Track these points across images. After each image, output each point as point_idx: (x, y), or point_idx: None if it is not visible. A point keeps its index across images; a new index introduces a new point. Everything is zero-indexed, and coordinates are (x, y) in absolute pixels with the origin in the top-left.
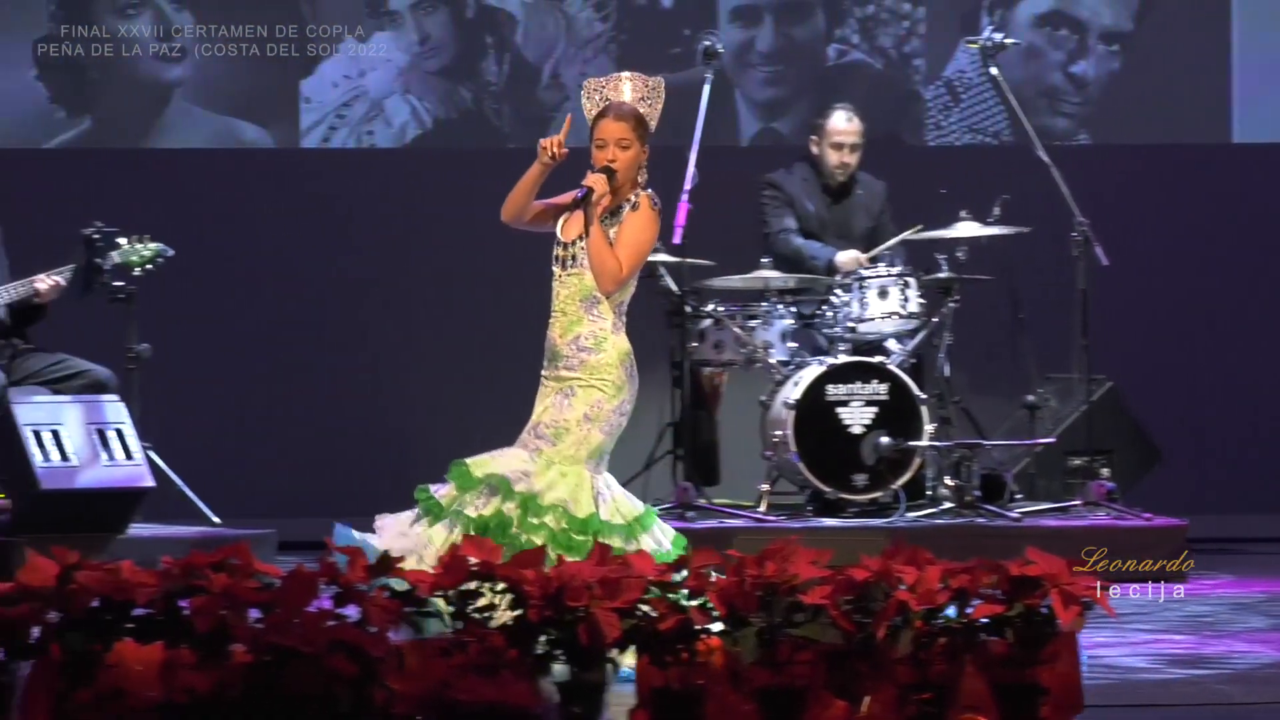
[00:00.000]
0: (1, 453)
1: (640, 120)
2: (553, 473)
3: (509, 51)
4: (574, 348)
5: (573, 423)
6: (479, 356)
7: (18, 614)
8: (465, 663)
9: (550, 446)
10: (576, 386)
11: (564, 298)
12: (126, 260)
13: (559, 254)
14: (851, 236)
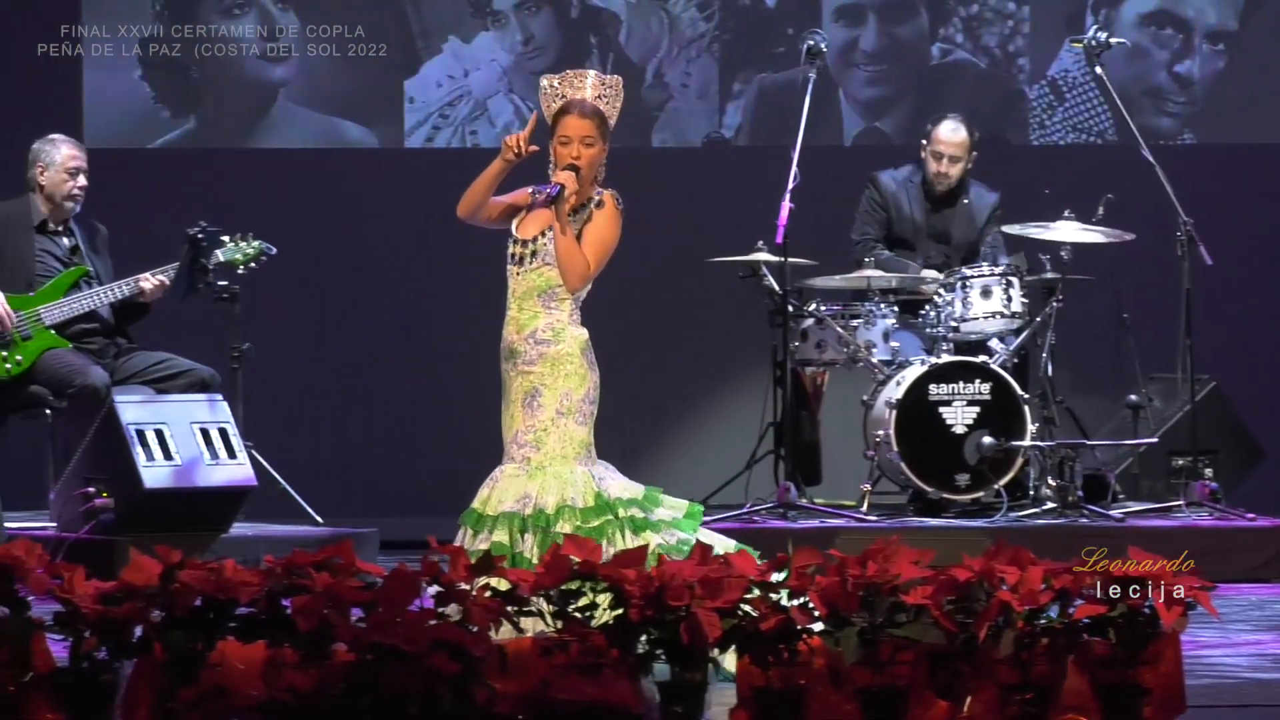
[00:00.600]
0: (105, 452)
1: (603, 118)
2: (547, 477)
3: (613, 51)
4: (531, 341)
5: (548, 423)
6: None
7: (121, 613)
8: (567, 662)
9: (536, 453)
10: (541, 386)
11: (521, 294)
12: (230, 259)
13: (516, 251)
14: (949, 244)
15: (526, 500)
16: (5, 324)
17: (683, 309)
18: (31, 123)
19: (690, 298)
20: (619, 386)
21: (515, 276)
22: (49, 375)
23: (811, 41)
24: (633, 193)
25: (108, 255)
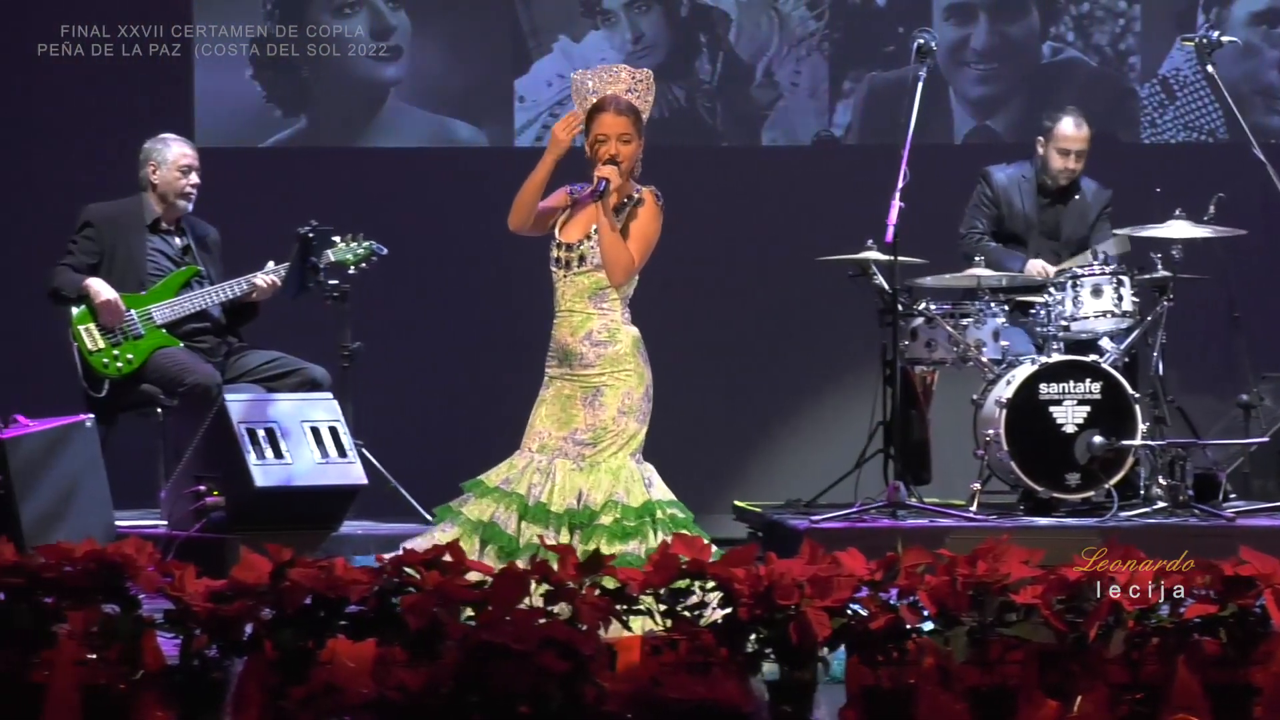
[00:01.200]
0: (216, 451)
1: (638, 114)
2: (600, 473)
3: (722, 50)
4: (588, 344)
5: (609, 421)
6: (691, 353)
7: (232, 611)
8: (676, 661)
9: (593, 450)
10: (603, 386)
11: (571, 297)
12: (342, 259)
13: (561, 256)
14: (1058, 240)
15: (582, 498)
16: (119, 319)
17: (792, 308)
18: (143, 122)
19: (800, 297)
20: (728, 385)
21: (563, 280)
22: (160, 374)
23: (922, 40)
24: (742, 191)
25: (219, 256)
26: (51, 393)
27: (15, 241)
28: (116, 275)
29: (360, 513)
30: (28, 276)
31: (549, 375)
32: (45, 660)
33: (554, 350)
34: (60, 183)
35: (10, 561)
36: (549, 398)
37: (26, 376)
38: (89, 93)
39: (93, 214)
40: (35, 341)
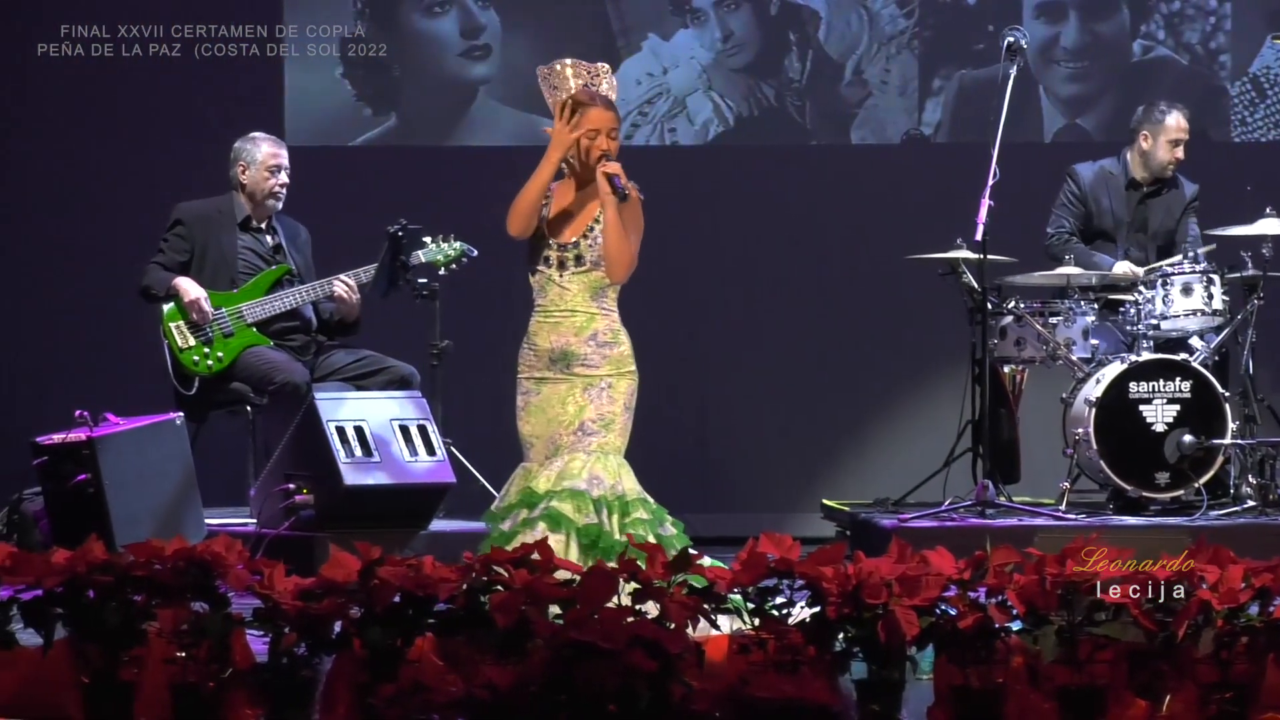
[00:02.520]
0: (306, 449)
1: (617, 110)
2: (613, 463)
3: (811, 48)
4: (593, 345)
5: (618, 413)
6: (781, 351)
7: (321, 609)
8: (764, 660)
9: (600, 439)
10: (611, 380)
11: (572, 297)
12: (432, 260)
13: (557, 256)
14: (1145, 233)
15: (596, 481)
16: (207, 318)
17: (882, 307)
18: (235, 121)
19: (889, 295)
20: (817, 384)
21: (557, 280)
22: (250, 372)
23: (1012, 38)
24: (831, 189)
25: (310, 255)
26: (142, 391)
27: (107, 240)
28: (207, 273)
29: (450, 511)
30: (120, 275)
31: (534, 379)
32: (135, 658)
33: (541, 352)
34: (153, 181)
35: (101, 560)
36: (539, 405)
37: (117, 375)
38: (182, 92)
39: (184, 212)
40: (126, 339)
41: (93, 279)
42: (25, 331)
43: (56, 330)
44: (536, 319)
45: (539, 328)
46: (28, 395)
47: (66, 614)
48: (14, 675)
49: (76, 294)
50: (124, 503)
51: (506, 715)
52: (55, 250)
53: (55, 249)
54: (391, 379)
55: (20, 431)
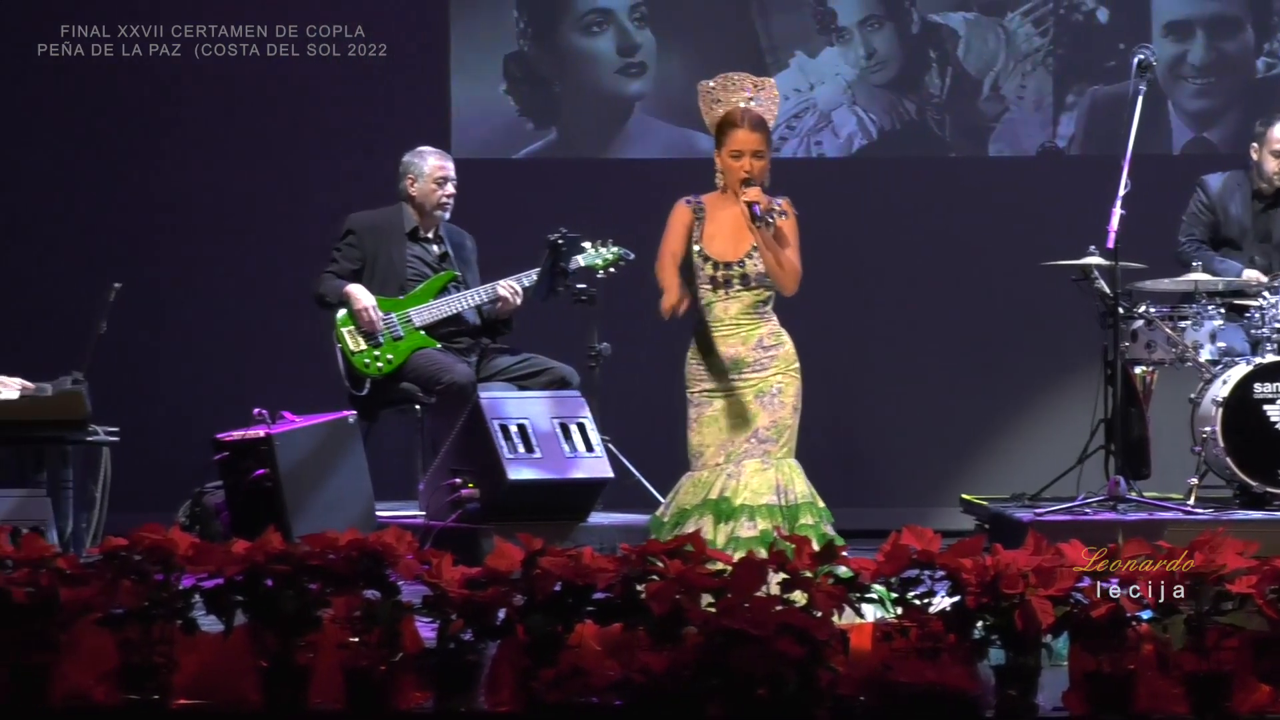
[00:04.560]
0: (471, 445)
1: (768, 128)
2: (787, 469)
3: (951, 65)
4: (760, 350)
5: (788, 417)
6: (921, 352)
7: (486, 597)
8: (906, 647)
9: (775, 446)
10: (779, 383)
11: (737, 313)
12: (590, 264)
13: (721, 276)
14: (1270, 242)
15: (782, 492)
16: (374, 326)
17: (1018, 310)
18: (403, 135)
19: (1025, 300)
20: (957, 384)
21: (722, 299)
22: (418, 373)
23: (1142, 55)
24: (970, 199)
25: (475, 263)
26: (317, 391)
27: (283, 249)
28: (378, 280)
29: (607, 504)
30: (296, 282)
31: (706, 392)
32: (310, 643)
33: (714, 365)
34: (326, 192)
35: (278, 550)
36: (714, 415)
37: (294, 376)
38: (353, 104)
39: (355, 223)
40: (303, 343)
41: (271, 286)
42: (209, 335)
43: (238, 334)
44: (703, 331)
45: (707, 342)
46: (210, 395)
47: (246, 601)
48: (196, 660)
49: (256, 300)
50: (300, 496)
51: (661, 698)
52: (238, 259)
53: (239, 258)
54: (552, 379)
55: (203, 429)
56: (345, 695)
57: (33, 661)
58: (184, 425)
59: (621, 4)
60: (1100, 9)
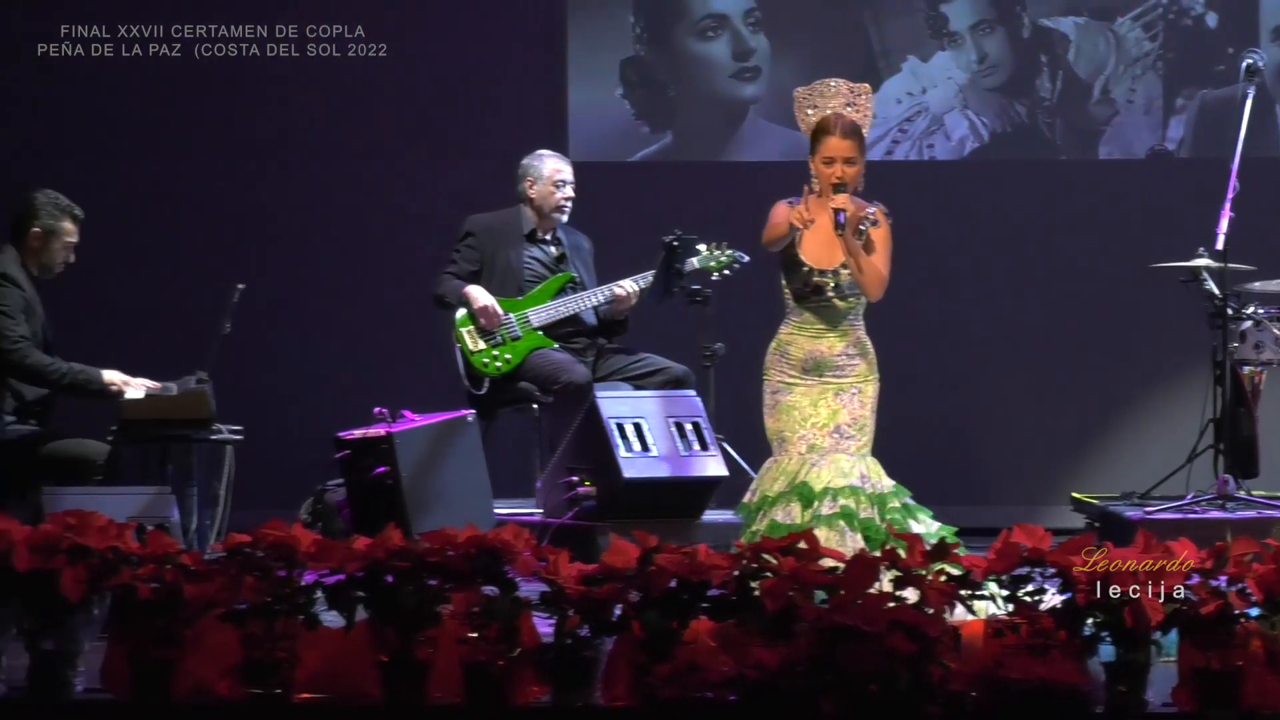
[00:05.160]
0: (588, 444)
1: (861, 134)
2: (870, 463)
3: (1061, 69)
4: (845, 357)
5: (868, 416)
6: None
7: (602, 593)
8: (1017, 643)
9: (857, 443)
10: (861, 385)
11: (826, 319)
12: (705, 266)
13: (820, 282)
14: None
15: (865, 480)
16: (493, 326)
17: (1127, 311)
18: (522, 137)
19: (1134, 300)
20: (1067, 384)
21: (815, 304)
22: (536, 372)
23: (1250, 60)
24: (1080, 201)
25: (591, 264)
26: (436, 391)
27: (403, 250)
28: (496, 281)
29: (722, 502)
30: (416, 283)
31: (784, 383)
32: (430, 638)
33: (794, 361)
34: (446, 193)
35: (398, 546)
36: (792, 403)
37: (414, 375)
38: (472, 107)
39: (474, 224)
40: (422, 343)
41: (392, 287)
42: (331, 335)
43: (359, 334)
44: (790, 330)
45: (793, 339)
46: (332, 394)
47: (367, 597)
48: (318, 654)
49: (377, 301)
50: (419, 493)
51: (774, 694)
52: (360, 260)
53: (361, 259)
54: (668, 379)
55: (325, 427)
56: (464, 690)
57: (158, 656)
58: (306, 424)
59: (736, 9)
60: (1209, 14)
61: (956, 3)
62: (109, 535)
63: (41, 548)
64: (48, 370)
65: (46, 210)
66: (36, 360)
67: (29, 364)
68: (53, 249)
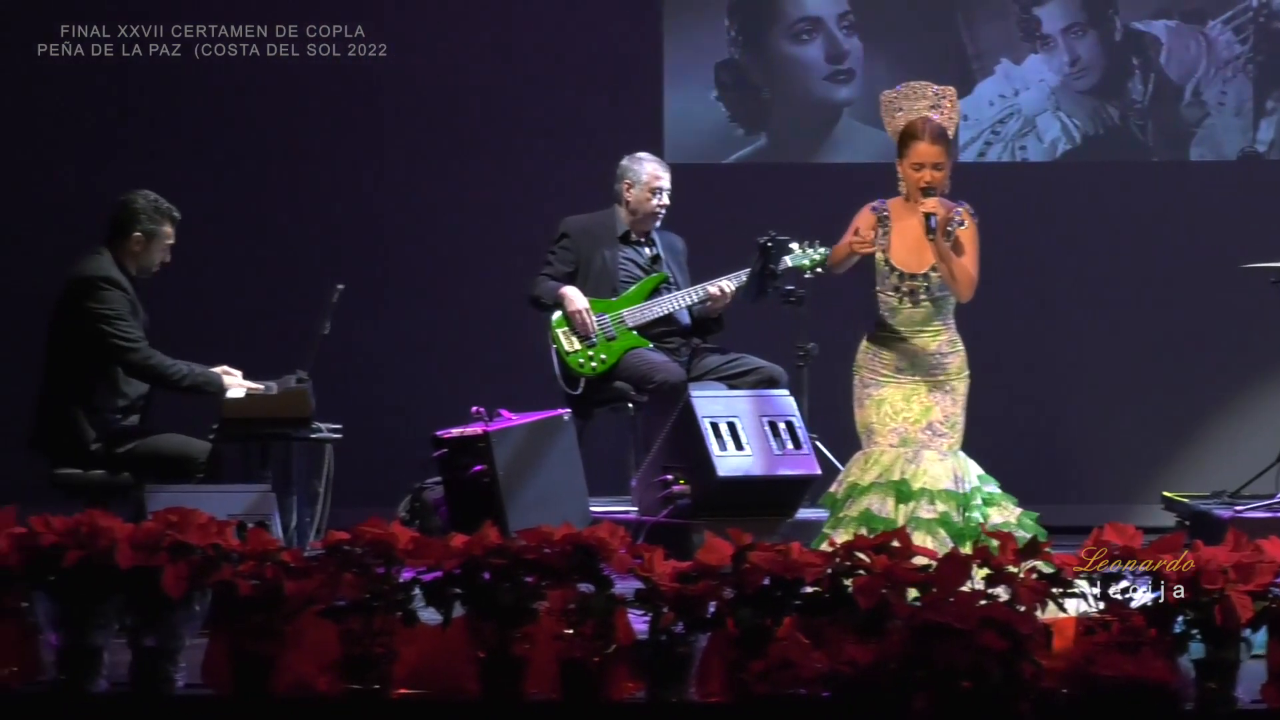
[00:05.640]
0: (682, 443)
1: (948, 138)
2: (960, 459)
3: (1153, 72)
4: (939, 355)
5: (959, 413)
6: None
7: (696, 591)
8: (1108, 640)
9: (949, 440)
10: (954, 383)
11: (921, 320)
12: (798, 265)
13: (906, 286)
14: None
15: (958, 480)
16: (588, 327)
17: (1218, 311)
18: (619, 139)
19: (1225, 301)
20: (1157, 383)
21: (906, 305)
22: (631, 372)
23: None
24: (1171, 202)
25: (685, 265)
26: (533, 390)
27: (502, 251)
28: (591, 282)
29: (814, 500)
30: (513, 284)
31: (879, 378)
32: (527, 635)
33: (887, 360)
34: (542, 194)
35: (495, 544)
36: (883, 397)
37: (510, 375)
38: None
39: (569, 226)
40: (519, 344)
41: (489, 287)
42: (429, 335)
43: (457, 334)
44: (883, 331)
45: (886, 339)
46: (430, 393)
47: (464, 594)
48: (416, 651)
49: (474, 301)
50: (516, 491)
51: (867, 690)
52: (457, 261)
53: (458, 260)
54: (761, 379)
55: (423, 426)
56: (560, 685)
57: (258, 652)
58: (404, 423)
59: (830, 12)
60: None
61: (1049, 6)
62: (210, 532)
63: (144, 545)
64: (169, 371)
65: (147, 214)
66: (159, 361)
67: (152, 364)
68: (152, 252)
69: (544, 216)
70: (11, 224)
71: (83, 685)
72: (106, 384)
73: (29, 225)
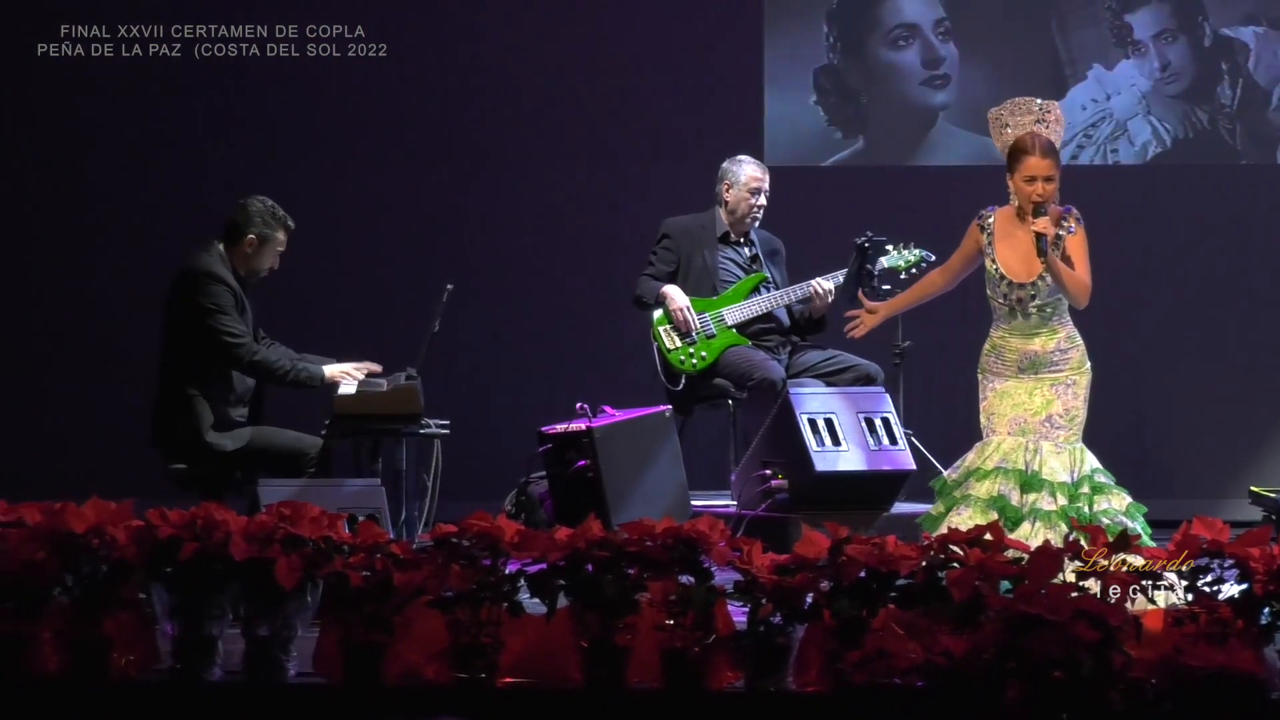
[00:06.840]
0: (781, 439)
1: (1057, 152)
2: (1079, 451)
3: (1241, 77)
4: (1058, 353)
5: (1080, 407)
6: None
7: (795, 583)
8: (1196, 632)
9: (1066, 432)
10: (1076, 377)
11: (1032, 325)
12: (894, 265)
13: (1017, 295)
14: None
15: (1074, 474)
16: (689, 325)
17: None
18: (721, 141)
19: None
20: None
21: (1016, 312)
22: (730, 369)
23: None
24: (1260, 205)
25: (783, 265)
26: (635, 387)
27: (605, 250)
28: (692, 282)
29: (910, 495)
30: (616, 283)
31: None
32: (629, 625)
33: (1009, 362)
34: (646, 195)
35: (599, 537)
36: (1006, 390)
37: (614, 372)
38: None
39: (670, 227)
40: (622, 341)
41: (593, 287)
42: (534, 334)
43: (562, 333)
44: (1001, 333)
45: (1005, 341)
46: (535, 390)
47: (568, 585)
48: (521, 640)
49: (579, 300)
50: (619, 486)
51: (961, 680)
52: (563, 261)
53: (564, 260)
54: (858, 376)
55: (529, 422)
56: (662, 675)
57: (368, 641)
58: (511, 419)
59: (927, 19)
60: None
61: (1140, 12)
62: (322, 525)
63: (257, 537)
64: (275, 366)
65: (263, 218)
66: (264, 356)
67: (258, 359)
68: (263, 255)
69: (647, 217)
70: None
71: (198, 674)
72: (217, 376)
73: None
